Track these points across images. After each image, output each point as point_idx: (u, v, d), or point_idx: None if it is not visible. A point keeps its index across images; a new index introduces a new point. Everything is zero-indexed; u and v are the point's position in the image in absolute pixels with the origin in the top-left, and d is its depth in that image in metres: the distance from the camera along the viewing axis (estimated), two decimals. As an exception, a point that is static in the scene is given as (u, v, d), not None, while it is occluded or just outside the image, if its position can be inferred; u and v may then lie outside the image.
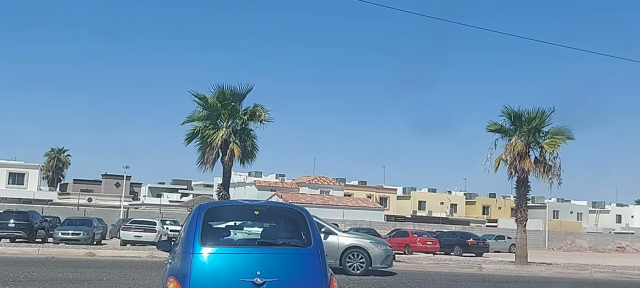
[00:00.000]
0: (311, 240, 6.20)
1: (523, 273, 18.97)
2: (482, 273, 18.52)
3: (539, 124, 21.69)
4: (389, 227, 48.64)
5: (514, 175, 21.83)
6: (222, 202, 7.20)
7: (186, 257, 5.97)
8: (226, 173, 21.66)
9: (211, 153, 21.05)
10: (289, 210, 6.99)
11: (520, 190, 22.12)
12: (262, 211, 6.72)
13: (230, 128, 21.43)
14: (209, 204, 6.69)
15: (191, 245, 5.99)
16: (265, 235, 6.57)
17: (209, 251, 5.88)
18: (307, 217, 6.59)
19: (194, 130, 21.38)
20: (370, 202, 63.16)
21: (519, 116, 21.76)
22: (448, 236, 38.70)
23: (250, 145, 21.87)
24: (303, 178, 63.99)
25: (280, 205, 8.85)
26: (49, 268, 14.98)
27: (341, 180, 66.47)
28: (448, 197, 74.43)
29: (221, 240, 6.33)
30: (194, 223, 6.29)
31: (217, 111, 21.19)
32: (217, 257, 5.90)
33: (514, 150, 21.34)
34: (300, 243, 6.15)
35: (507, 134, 22.19)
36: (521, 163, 21.39)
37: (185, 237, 6.31)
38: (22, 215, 29.16)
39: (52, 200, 53.63)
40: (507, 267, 20.31)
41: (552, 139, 21.57)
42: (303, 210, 6.72)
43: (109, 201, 56.24)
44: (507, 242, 46.73)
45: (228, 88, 21.14)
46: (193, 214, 6.46)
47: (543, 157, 21.94)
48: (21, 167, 54.89)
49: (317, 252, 6.11)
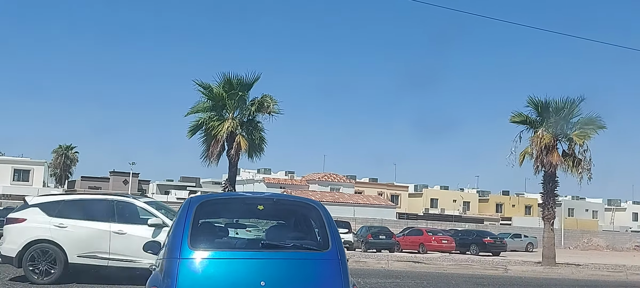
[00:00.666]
0: (329, 241, 4.94)
1: (552, 276, 17.55)
2: (509, 275, 17.12)
3: (568, 114, 20.15)
4: (401, 225, 47.38)
5: (541, 169, 20.29)
6: (218, 194, 5.87)
7: (172, 263, 4.70)
8: (232, 168, 20.35)
9: (216, 146, 19.72)
10: (302, 205, 5.64)
11: (548, 186, 20.57)
12: (267, 206, 5.39)
13: (236, 119, 20.09)
14: (201, 197, 5.37)
15: (178, 249, 4.72)
16: (271, 235, 5.31)
17: (201, 256, 4.68)
18: (324, 213, 5.28)
19: (198, 122, 20.04)
20: (382, 199, 61.90)
21: (546, 106, 20.19)
22: (464, 235, 37.38)
23: (258, 138, 20.50)
24: (313, 175, 62.77)
25: (290, 198, 7.37)
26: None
27: (352, 177, 65.26)
28: (461, 194, 73.00)
29: (216, 241, 5.06)
30: (183, 220, 5.02)
31: (222, 101, 19.84)
32: (211, 263, 4.69)
33: (541, 142, 19.79)
34: (315, 245, 5.03)
35: (533, 125, 20.65)
36: (548, 156, 19.85)
37: (171, 238, 5.03)
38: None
39: (58, 198, 52.73)
40: (535, 269, 18.85)
41: (582, 129, 20.00)
42: (318, 205, 5.39)
43: (116, 198, 55.30)
44: (523, 240, 45.50)
45: (234, 76, 19.76)
46: (182, 209, 5.18)
47: (572, 150, 20.40)
48: (26, 164, 54.10)
49: (337, 257, 4.90)
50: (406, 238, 35.02)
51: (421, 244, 33.19)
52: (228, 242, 5.16)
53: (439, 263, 19.12)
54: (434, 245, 32.77)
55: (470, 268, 17.90)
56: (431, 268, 17.69)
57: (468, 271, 17.34)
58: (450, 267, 18.01)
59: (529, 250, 43.92)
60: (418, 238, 34.21)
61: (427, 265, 18.22)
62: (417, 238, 34.28)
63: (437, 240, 33.55)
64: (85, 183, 62.41)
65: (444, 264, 18.69)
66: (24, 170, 53.58)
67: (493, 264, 19.59)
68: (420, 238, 33.96)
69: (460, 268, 17.87)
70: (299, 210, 5.61)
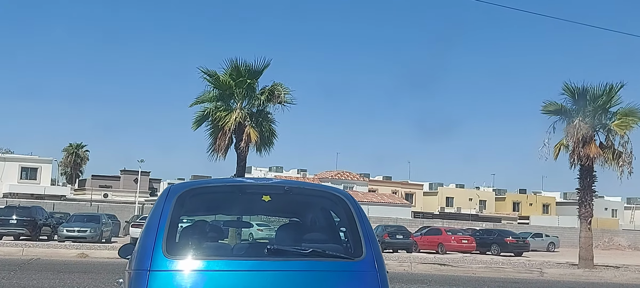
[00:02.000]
0: (362, 246, 3.53)
1: (593, 279, 15.88)
2: (545, 279, 15.50)
3: (606, 103, 18.39)
4: (417, 224, 45.87)
5: (577, 163, 18.54)
6: (207, 181, 4.12)
7: (139, 277, 3.26)
8: (241, 162, 18.83)
9: (224, 138, 18.23)
10: (323, 196, 4.11)
11: (585, 181, 18.81)
12: (276, 196, 3.80)
13: (245, 110, 18.59)
14: (185, 184, 3.83)
15: (149, 257, 3.27)
16: (281, 237, 3.94)
17: (181, 267, 3.21)
18: (354, 206, 3.76)
19: (203, 112, 18.55)
20: (396, 197, 60.45)
21: (583, 94, 18.40)
22: (484, 234, 35.79)
23: (268, 130, 18.99)
24: (326, 174, 61.45)
25: (308, 186, 5.05)
26: (26, 273, 12.51)
27: (365, 175, 63.87)
28: (477, 193, 71.28)
29: (204, 247, 3.55)
30: (157, 217, 3.51)
31: (230, 90, 18.33)
32: (195, 277, 3.22)
33: (577, 133, 18.03)
34: (343, 251, 3.65)
35: (568, 115, 18.88)
36: (585, 149, 18.11)
37: (141, 242, 3.53)
38: (25, 211, 27.15)
39: (66, 196, 51.89)
40: (573, 271, 17.18)
41: (623, 119, 18.21)
42: (347, 196, 3.85)
43: (126, 197, 54.40)
44: (544, 240, 43.92)
45: (242, 63, 18.22)
46: (157, 202, 3.67)
47: (611, 142, 18.64)
48: (34, 162, 53.19)
49: (373, 267, 3.50)
50: (424, 238, 33.47)
51: (440, 244, 31.68)
52: (221, 248, 3.65)
53: (467, 265, 17.48)
54: (453, 245, 31.25)
55: (503, 272, 16.26)
56: (459, 271, 16.09)
57: (500, 274, 15.72)
58: (480, 270, 16.38)
59: (551, 250, 42.29)
60: (436, 238, 32.68)
61: (454, 267, 16.61)
62: (436, 238, 32.74)
63: (456, 239, 32.00)
64: (96, 182, 61.62)
65: (473, 267, 17.05)
66: (32, 168, 52.64)
67: (527, 266, 17.90)
68: (439, 238, 32.45)
69: (492, 271, 16.24)
70: (319, 203, 4.07)
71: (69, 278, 11.74)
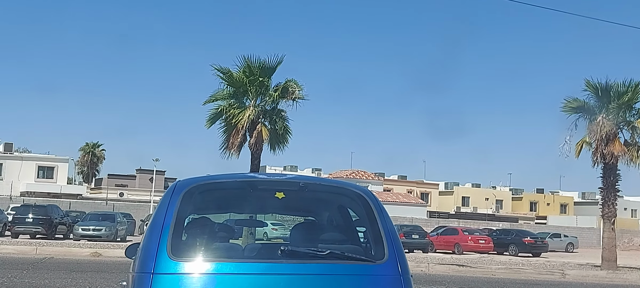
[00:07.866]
0: (384, 248, 3.28)
1: (617, 281, 15.37)
2: (568, 281, 15.02)
3: (631, 99, 17.81)
4: (432, 224, 45.38)
5: (600, 161, 18.00)
6: (216, 176, 3.81)
7: (142, 282, 3.01)
8: (255, 160, 18.59)
9: (237, 136, 18.00)
10: (342, 193, 3.81)
11: (608, 180, 18.25)
12: (290, 193, 3.50)
13: (258, 107, 18.34)
14: (192, 180, 3.55)
15: (152, 258, 3.02)
16: (296, 238, 3.59)
17: (187, 270, 2.97)
18: (375, 204, 3.51)
19: (217, 110, 18.34)
20: (412, 197, 59.98)
21: (606, 90, 17.83)
22: (501, 234, 35.24)
23: (282, 128, 18.70)
24: (340, 173, 61.17)
25: (325, 182, 5.08)
26: (39, 272, 12.39)
27: (380, 174, 63.48)
28: (493, 192, 70.45)
29: (212, 248, 3.26)
30: (162, 215, 3.23)
31: (243, 87, 18.07)
32: (204, 281, 2.97)
33: (601, 131, 17.49)
34: (363, 253, 3.40)
35: (591, 112, 18.34)
36: (609, 146, 17.57)
37: (144, 242, 3.27)
38: (41, 210, 27.32)
39: (82, 195, 52.20)
40: (596, 273, 16.65)
41: (649, 117, 17.66)
42: (367, 193, 3.58)
43: (142, 196, 54.64)
44: (563, 240, 43.27)
45: (256, 60, 17.94)
46: (163, 200, 3.41)
47: (635, 139, 18.07)
48: (51, 161, 53.66)
49: (397, 271, 3.24)
50: (440, 238, 33.02)
51: (457, 244, 31.22)
52: (231, 249, 3.37)
53: (486, 266, 17.05)
54: (470, 246, 30.76)
55: (523, 273, 15.80)
56: (478, 272, 15.67)
57: (521, 276, 15.27)
58: (500, 271, 15.94)
59: (570, 251, 41.59)
60: (453, 238, 32.22)
61: (473, 268, 16.19)
62: (452, 238, 32.28)
63: (473, 240, 31.49)
64: (112, 181, 61.99)
65: (492, 268, 16.61)
66: (48, 167, 53.09)
67: (547, 268, 17.41)
68: (456, 238, 31.98)
69: (511, 273, 15.79)
70: (337, 200, 3.80)
71: (81, 277, 11.60)
